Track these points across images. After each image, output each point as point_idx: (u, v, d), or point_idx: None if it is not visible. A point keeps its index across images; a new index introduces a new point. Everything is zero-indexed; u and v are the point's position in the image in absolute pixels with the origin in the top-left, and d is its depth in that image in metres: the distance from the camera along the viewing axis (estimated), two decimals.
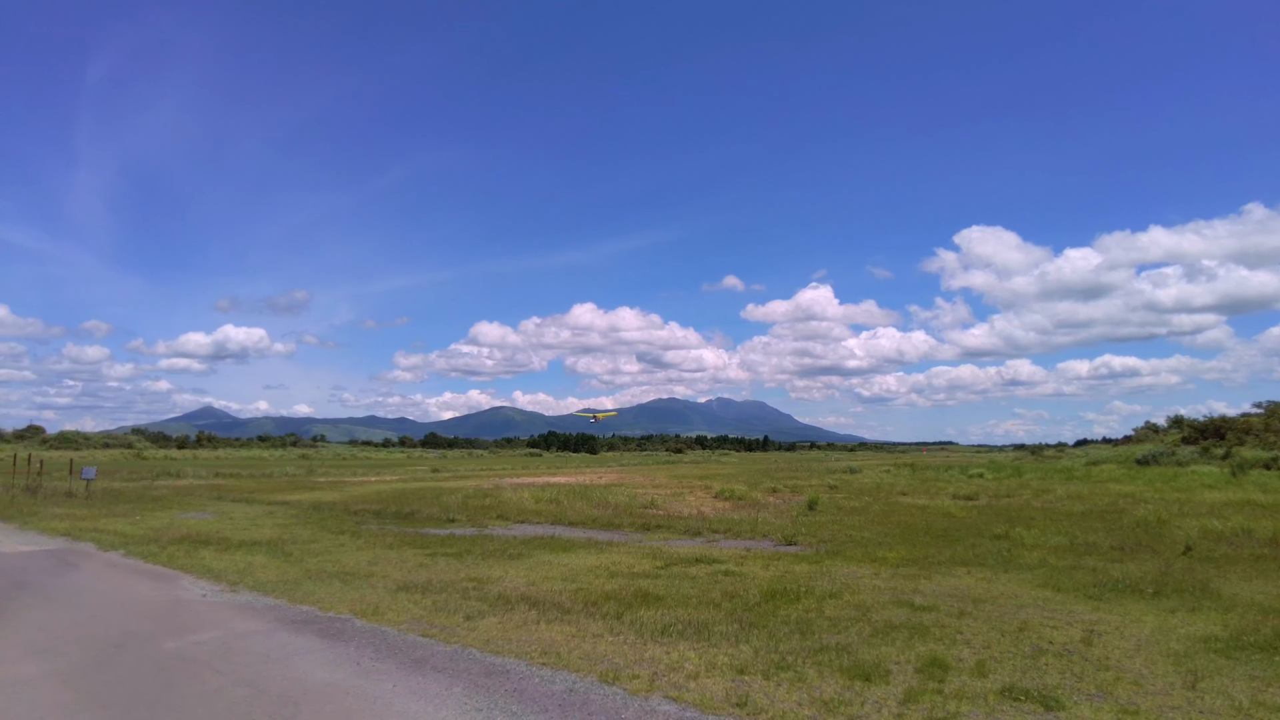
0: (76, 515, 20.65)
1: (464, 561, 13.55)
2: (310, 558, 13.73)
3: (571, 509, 23.54)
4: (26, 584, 11.12)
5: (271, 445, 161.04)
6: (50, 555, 14.01)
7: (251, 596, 10.28)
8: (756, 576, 11.83)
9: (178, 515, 21.26)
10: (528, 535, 17.48)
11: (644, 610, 9.34)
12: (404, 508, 23.65)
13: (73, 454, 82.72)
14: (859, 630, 8.37)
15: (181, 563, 12.94)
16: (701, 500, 27.56)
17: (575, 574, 12.25)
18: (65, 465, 40.50)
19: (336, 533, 17.54)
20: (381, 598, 10.13)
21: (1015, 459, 76.12)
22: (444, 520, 20.89)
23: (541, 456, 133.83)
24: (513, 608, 9.49)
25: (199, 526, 18.37)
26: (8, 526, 18.54)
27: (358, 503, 25.92)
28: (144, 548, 14.64)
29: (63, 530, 17.47)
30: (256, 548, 14.83)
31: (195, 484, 38.02)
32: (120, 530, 17.52)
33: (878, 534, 17.42)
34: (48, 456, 61.96)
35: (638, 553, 14.74)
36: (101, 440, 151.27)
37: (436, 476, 48.98)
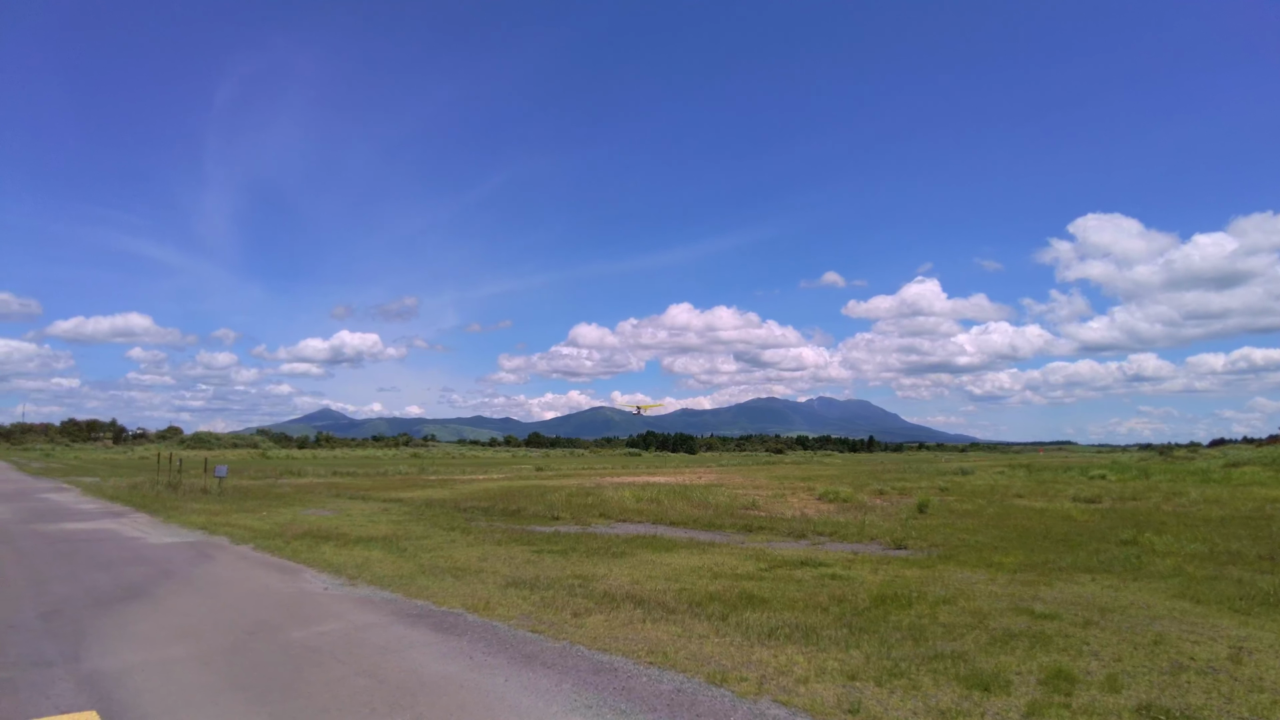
0: (211, 510, 22.10)
1: (569, 559, 13.76)
2: (423, 553, 14.24)
3: (672, 509, 23.58)
4: (172, 573, 11.97)
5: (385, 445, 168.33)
6: (190, 547, 15.03)
7: (369, 590, 10.73)
8: (865, 581, 11.53)
9: (300, 512, 22.45)
10: (630, 534, 17.61)
11: (749, 612, 9.24)
12: (510, 505, 24.23)
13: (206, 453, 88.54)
14: (976, 638, 8.02)
15: (305, 557, 13.64)
16: (804, 502, 27.11)
17: (678, 574, 12.25)
18: (200, 463, 43.42)
19: (448, 529, 18.13)
20: (492, 593, 10.39)
21: (1141, 460, 71.46)
22: (549, 518, 21.29)
23: (640, 456, 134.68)
24: (618, 606, 9.57)
25: (320, 522, 19.35)
26: (154, 519, 20.02)
27: (467, 500, 26.72)
28: (271, 542, 15.52)
29: (200, 524, 18.72)
30: (373, 543, 15.49)
31: (315, 482, 40.06)
32: (250, 525, 18.64)
33: (993, 538, 16.69)
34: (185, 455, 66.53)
35: (740, 554, 14.62)
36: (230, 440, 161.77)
37: (540, 475, 50.00)
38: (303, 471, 51.49)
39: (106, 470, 53.46)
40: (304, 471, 51.62)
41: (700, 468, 66.82)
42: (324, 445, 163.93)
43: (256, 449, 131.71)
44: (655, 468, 67.35)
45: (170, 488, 30.62)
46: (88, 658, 7.28)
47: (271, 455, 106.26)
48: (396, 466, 63.79)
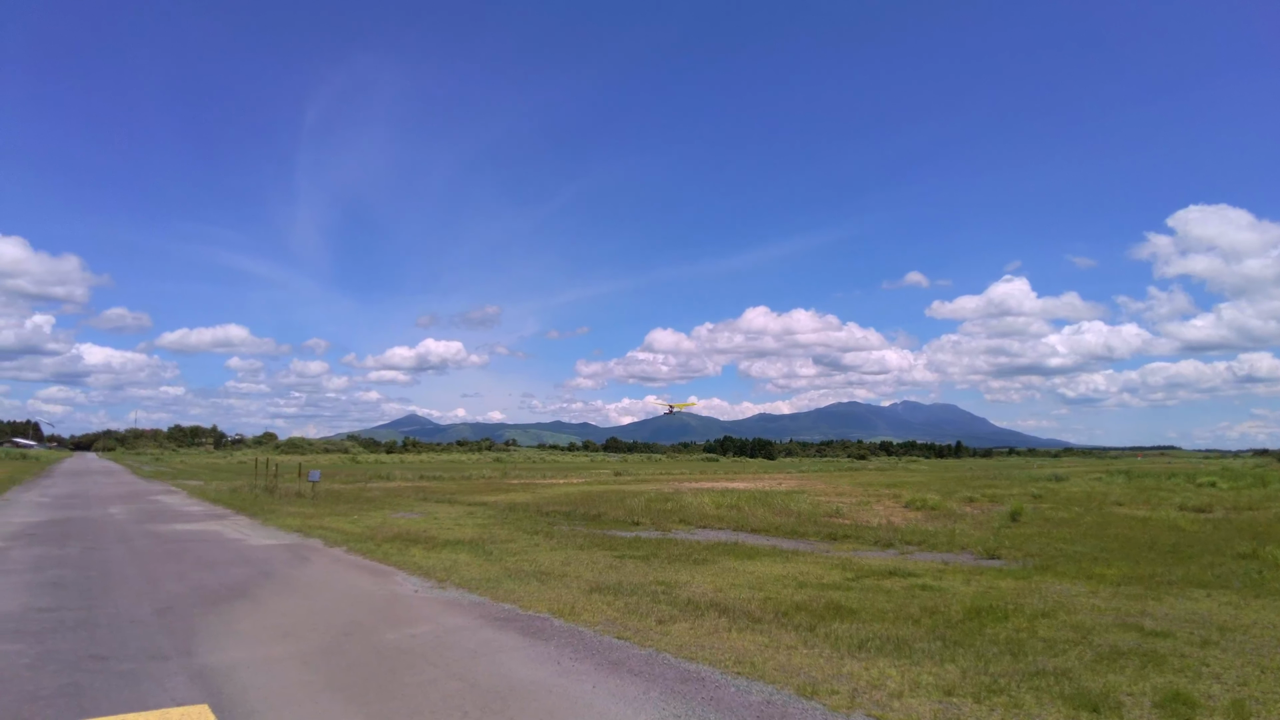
0: (306, 513, 23.00)
1: (651, 565, 13.76)
2: (509, 557, 14.47)
3: (753, 515, 23.35)
4: (271, 574, 12.49)
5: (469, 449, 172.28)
6: (287, 549, 15.66)
7: (458, 593, 10.95)
8: (958, 592, 11.14)
9: (389, 515, 23.14)
10: (711, 540, 17.50)
11: (837, 623, 9.04)
12: (591, 510, 24.42)
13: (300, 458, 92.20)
14: (1080, 654, 7.64)
15: (395, 559, 14.03)
16: (890, 509, 26.44)
17: (762, 582, 12.10)
18: (295, 468, 45.34)
19: (531, 533, 18.39)
20: (576, 598, 10.47)
21: (1257, 466, 67.13)
22: (629, 523, 21.36)
23: (718, 461, 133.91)
24: (703, 614, 9.50)
25: (408, 525, 19.89)
26: (254, 522, 20.96)
27: (548, 504, 27.06)
28: (363, 545, 16.03)
29: (295, 527, 19.49)
30: (460, 546, 15.83)
31: (403, 486, 41.28)
32: (342, 528, 19.30)
33: (1092, 548, 15.92)
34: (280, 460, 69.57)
35: (825, 563, 14.35)
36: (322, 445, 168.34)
37: (619, 480, 50.28)
38: (391, 475, 53.14)
39: (209, 474, 56.31)
40: (392, 475, 53.27)
41: (780, 474, 66.04)
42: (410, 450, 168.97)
43: (347, 454, 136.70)
44: (733, 473, 66.89)
45: (268, 491, 32.02)
46: (198, 653, 7.64)
47: (361, 460, 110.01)
48: (480, 470, 65.20)
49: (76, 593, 10.78)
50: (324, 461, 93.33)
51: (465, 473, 60.38)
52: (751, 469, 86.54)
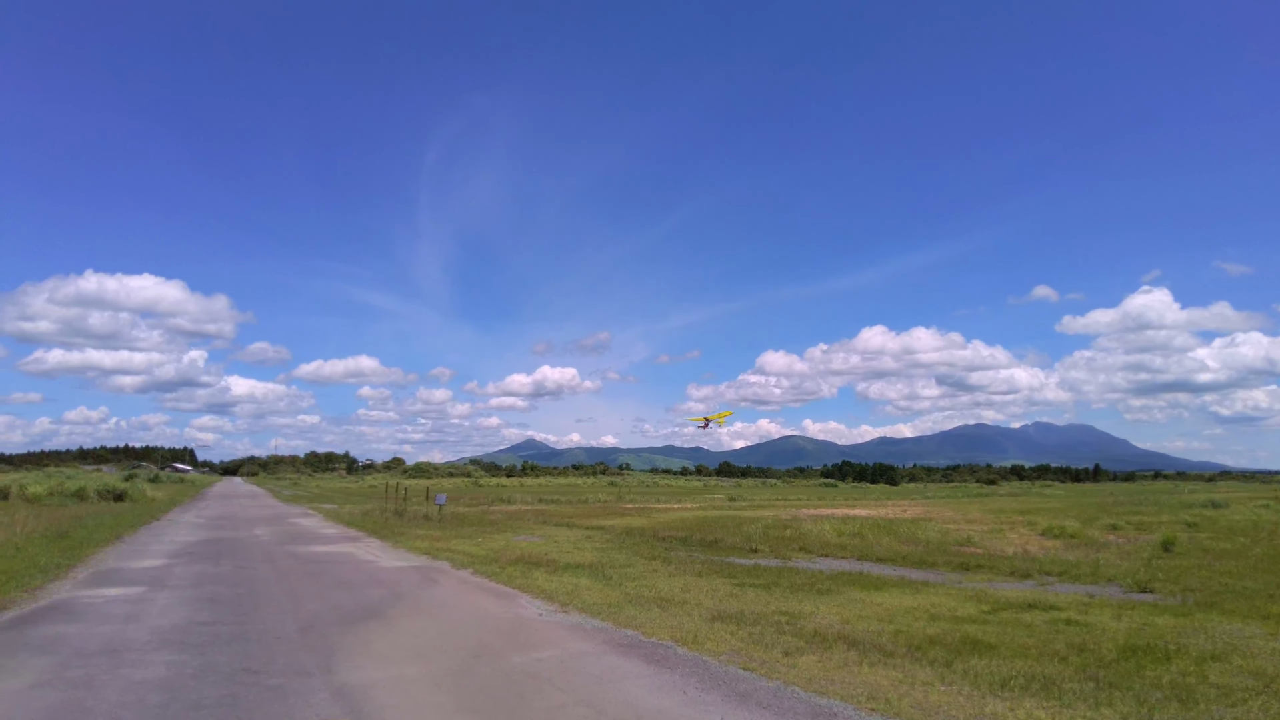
0: (433, 536, 23.82)
1: (772, 594, 13.46)
2: (628, 582, 14.48)
3: (877, 544, 22.53)
4: (402, 595, 12.96)
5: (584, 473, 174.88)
6: (417, 571, 16.23)
7: (581, 618, 11.03)
8: (1107, 628, 10.34)
9: (512, 538, 23.66)
10: (834, 570, 16.98)
11: (976, 659, 8.53)
12: (707, 536, 24.19)
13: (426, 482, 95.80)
14: (1264, 706, 6.90)
15: (519, 583, 14.30)
16: (1025, 538, 24.96)
17: (891, 614, 11.61)
18: (422, 492, 47.17)
19: (649, 558, 18.37)
20: (699, 626, 10.34)
21: None
22: (747, 550, 21.02)
23: (836, 487, 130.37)
24: (830, 646, 9.18)
25: (529, 549, 20.27)
26: (384, 544, 21.88)
27: (664, 529, 27.01)
28: (487, 567, 16.43)
29: (424, 549, 20.20)
30: (580, 570, 15.98)
31: (523, 509, 42.20)
32: (467, 551, 19.86)
33: (1265, 584, 14.47)
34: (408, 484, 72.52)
35: (958, 595, 13.64)
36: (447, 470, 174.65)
37: (734, 505, 49.69)
38: (511, 499, 54.47)
39: (342, 498, 59.36)
40: (512, 499, 54.59)
41: (903, 500, 63.56)
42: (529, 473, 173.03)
43: (469, 477, 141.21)
44: (854, 500, 64.92)
45: (397, 514, 33.41)
46: (338, 671, 7.98)
47: (483, 483, 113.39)
48: (595, 494, 65.93)
49: (230, 609, 11.51)
50: (448, 485, 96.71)
51: (581, 496, 61.17)
52: (873, 495, 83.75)
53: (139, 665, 8.06)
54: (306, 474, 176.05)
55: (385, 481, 74.92)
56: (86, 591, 12.85)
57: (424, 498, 40.44)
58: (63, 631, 9.69)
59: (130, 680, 7.49)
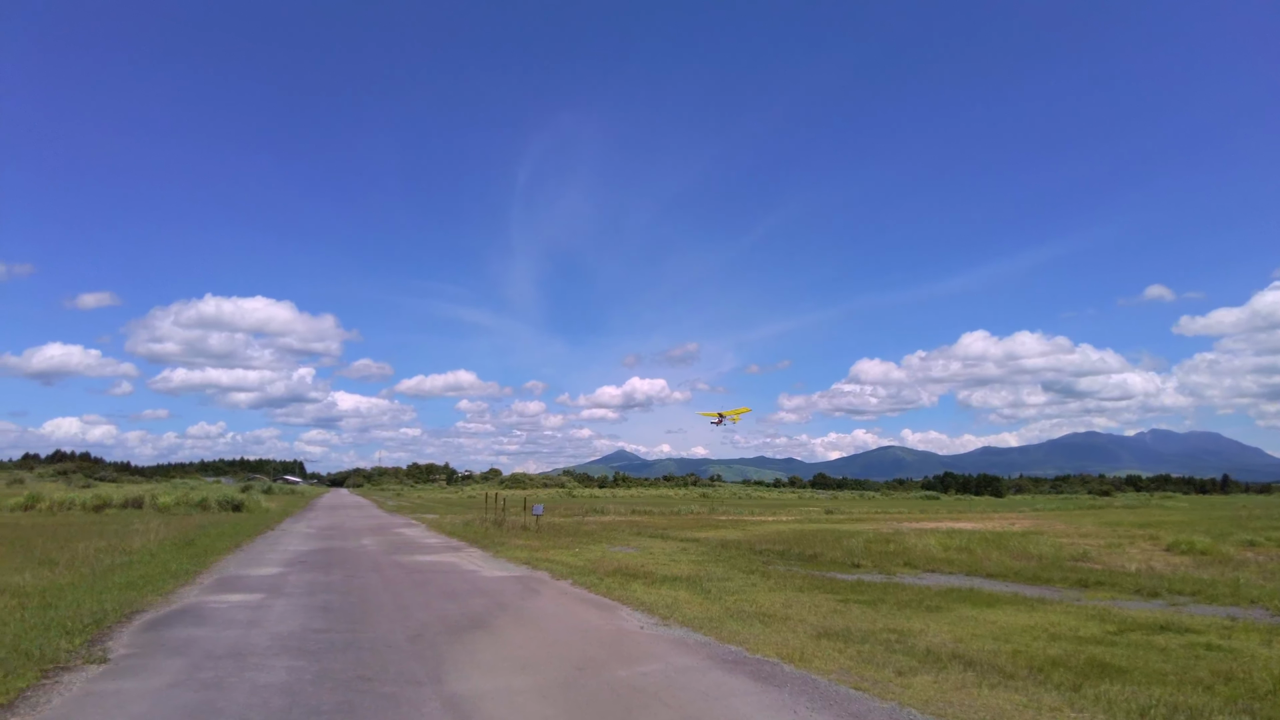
0: (532, 546, 24.16)
1: (878, 610, 13.02)
2: (727, 596, 14.29)
3: (986, 559, 21.57)
4: (505, 605, 13.14)
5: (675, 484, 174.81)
6: (518, 581, 16.46)
7: (682, 632, 10.91)
8: (1258, 655, 9.53)
9: (608, 549, 23.76)
10: (941, 585, 16.32)
11: (1106, 684, 7.99)
12: (805, 549, 23.69)
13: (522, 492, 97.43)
14: None
15: (618, 594, 14.30)
16: (1148, 553, 23.45)
17: (1007, 633, 11.04)
18: (519, 502, 47.98)
19: (747, 572, 18.10)
20: (804, 643, 10.07)
21: None
22: (848, 565, 20.46)
23: (939, 499, 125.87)
24: (944, 666, 8.78)
25: (626, 560, 20.29)
26: (485, 554, 22.31)
27: (760, 542, 26.60)
28: (586, 578, 16.51)
29: (523, 559, 20.49)
30: (678, 583, 15.87)
31: (617, 520, 42.39)
32: (565, 561, 20.04)
33: None
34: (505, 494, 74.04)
35: (1078, 614, 12.88)
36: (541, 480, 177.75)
37: (831, 518, 48.61)
38: (605, 510, 54.87)
39: (443, 508, 61.02)
40: (606, 510, 54.98)
41: (1010, 512, 60.83)
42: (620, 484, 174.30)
43: (563, 488, 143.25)
44: (958, 512, 62.54)
45: (496, 525, 34.07)
46: (448, 680, 8.11)
47: (576, 494, 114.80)
48: (688, 506, 65.71)
49: (342, 617, 11.91)
50: (543, 496, 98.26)
51: (673, 508, 61.04)
52: (978, 507, 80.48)
53: (262, 669, 8.41)
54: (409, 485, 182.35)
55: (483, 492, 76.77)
56: (212, 597, 13.55)
57: (522, 508, 41.11)
58: (193, 635, 10.23)
59: (255, 684, 7.81)
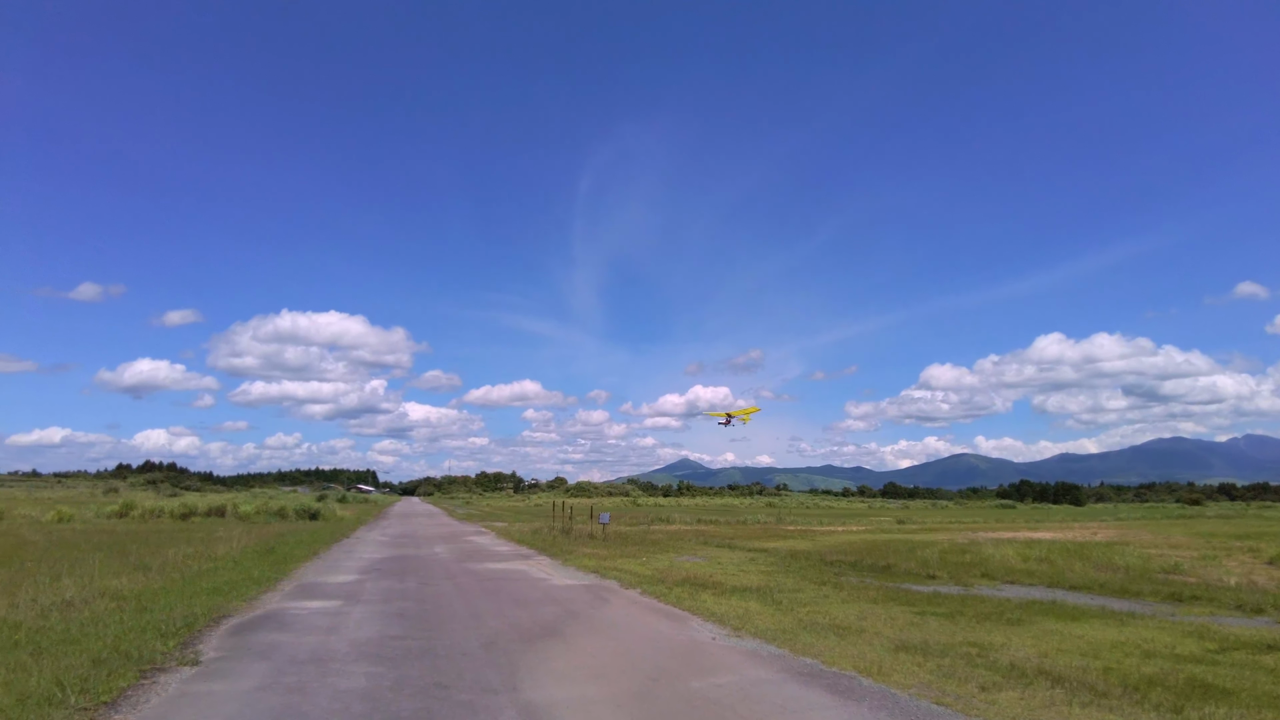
0: (599, 555, 24.23)
1: (957, 623, 12.63)
2: (799, 607, 14.06)
3: (1069, 570, 20.74)
4: (576, 614, 13.18)
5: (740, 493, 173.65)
6: (587, 589, 16.50)
7: (755, 643, 10.76)
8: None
9: (675, 558, 23.66)
10: (1022, 598, 15.76)
11: (1211, 706, 7.56)
12: (879, 560, 23.18)
13: (587, 501, 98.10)
14: None
15: (688, 604, 14.20)
16: (1248, 566, 22.21)
17: (1095, 649, 10.57)
18: (585, 510, 48.30)
19: (818, 583, 17.79)
20: (881, 656, 9.82)
21: None
22: (923, 576, 19.92)
23: (1015, 508, 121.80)
24: (1031, 682, 8.44)
25: (694, 570, 20.17)
26: (554, 562, 22.47)
27: (830, 553, 26.14)
28: (655, 587, 16.46)
29: (592, 568, 20.55)
30: (748, 594, 15.69)
31: (682, 529, 42.24)
32: (633, 570, 20.03)
33: None
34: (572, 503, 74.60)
35: (1173, 630, 12.26)
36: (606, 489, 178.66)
37: (903, 528, 47.50)
38: (670, 519, 54.73)
39: (511, 516, 61.81)
40: (671, 519, 54.84)
41: (1092, 522, 58.45)
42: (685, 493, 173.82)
43: (628, 496, 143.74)
44: (1035, 522, 60.43)
45: (563, 533, 34.33)
46: (522, 689, 8.15)
47: (640, 502, 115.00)
48: (754, 515, 65.04)
49: (417, 624, 12.12)
50: (608, 504, 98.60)
51: (739, 517, 60.50)
52: (1056, 517, 77.58)
53: (342, 675, 8.60)
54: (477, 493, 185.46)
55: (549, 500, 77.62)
56: (293, 603, 13.96)
57: (588, 516, 41.37)
58: (277, 640, 10.54)
59: (336, 689, 7.99)
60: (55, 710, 6.87)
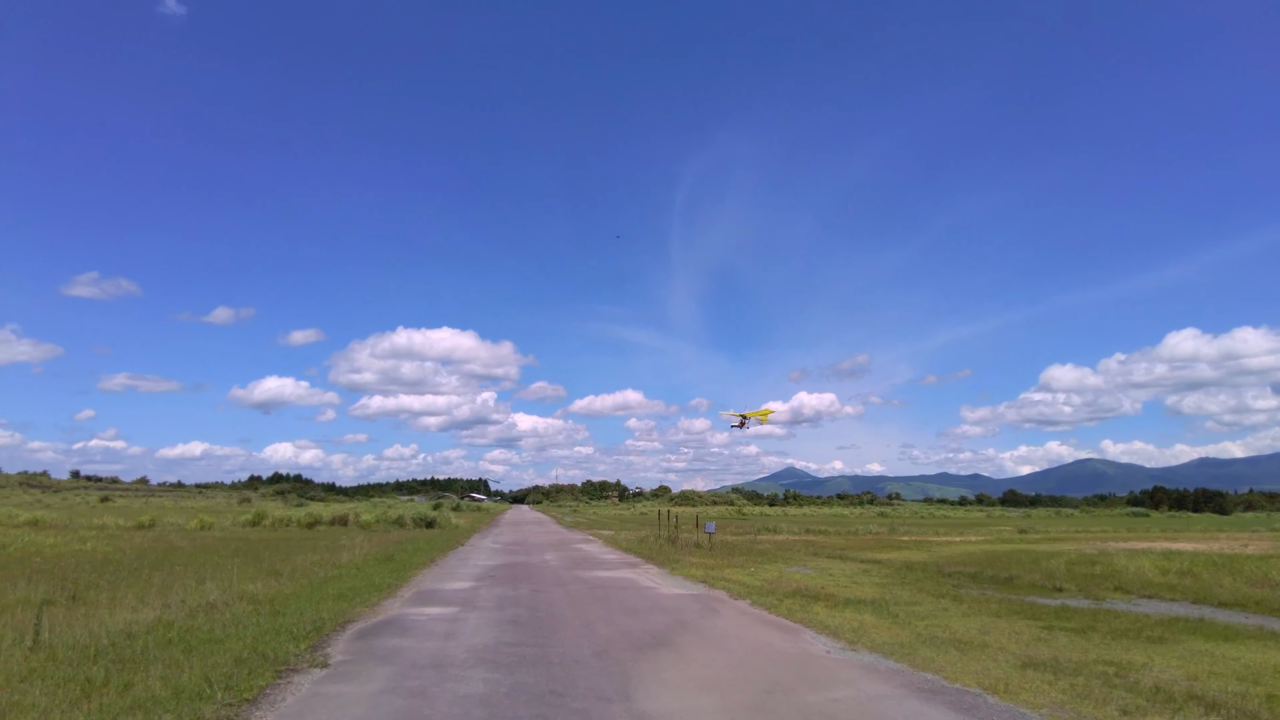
0: (706, 564, 24.10)
1: (1089, 640, 11.88)
2: (917, 620, 13.55)
3: (1217, 585, 19.19)
4: (686, 624, 13.13)
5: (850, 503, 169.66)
6: (696, 599, 16.42)
7: (872, 657, 10.43)
8: None
9: (784, 569, 23.27)
10: (1162, 614, 14.69)
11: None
12: (1000, 572, 22.11)
13: (692, 510, 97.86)
14: None
15: (799, 616, 13.92)
16: None
17: (1255, 673, 9.71)
18: (690, 519, 48.10)
19: (936, 595, 17.12)
20: (1008, 673, 9.33)
21: None
22: (1049, 588, 18.87)
23: (1149, 516, 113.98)
24: (1180, 707, 7.83)
25: (804, 581, 19.77)
26: (662, 571, 22.49)
27: (948, 564, 25.13)
28: (764, 598, 16.21)
29: (699, 577, 20.45)
30: (862, 606, 15.24)
31: (790, 539, 41.53)
32: (741, 580, 19.80)
33: None
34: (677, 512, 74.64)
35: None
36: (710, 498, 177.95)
37: (1025, 538, 45.20)
38: (777, 529, 53.93)
39: (616, 524, 62.31)
40: (778, 529, 54.03)
41: (1240, 532, 53.97)
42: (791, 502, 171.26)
43: (732, 505, 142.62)
44: (1173, 531, 56.36)
45: (670, 542, 34.33)
46: (635, 698, 8.16)
47: (746, 512, 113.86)
48: (865, 525, 63.33)
49: (531, 631, 12.34)
50: (713, 513, 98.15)
51: (850, 527, 58.98)
52: (1197, 526, 72.11)
53: (461, 680, 8.84)
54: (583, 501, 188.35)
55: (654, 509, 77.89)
56: (412, 609, 14.48)
57: (694, 525, 41.19)
58: (399, 645, 10.95)
59: (456, 694, 8.22)
60: (205, 705, 7.35)
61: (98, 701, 7.26)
